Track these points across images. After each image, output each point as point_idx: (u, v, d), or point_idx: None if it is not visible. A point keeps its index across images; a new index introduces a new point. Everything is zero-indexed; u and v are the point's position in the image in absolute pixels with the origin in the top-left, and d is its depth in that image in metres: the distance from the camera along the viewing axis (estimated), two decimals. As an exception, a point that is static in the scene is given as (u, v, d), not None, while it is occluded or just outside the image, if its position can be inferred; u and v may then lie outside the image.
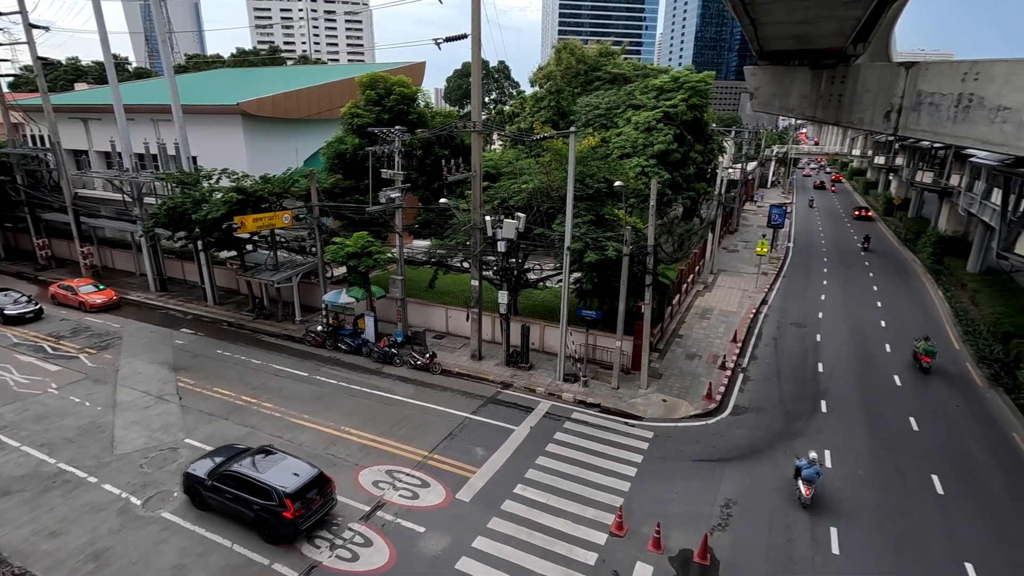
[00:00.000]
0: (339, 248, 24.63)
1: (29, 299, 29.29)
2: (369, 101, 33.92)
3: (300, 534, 14.03)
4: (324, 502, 14.53)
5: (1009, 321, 26.48)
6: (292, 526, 13.66)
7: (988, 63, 22.36)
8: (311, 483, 14.28)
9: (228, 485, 14.48)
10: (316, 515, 14.28)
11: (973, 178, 35.52)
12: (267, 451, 15.64)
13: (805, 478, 15.81)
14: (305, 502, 13.92)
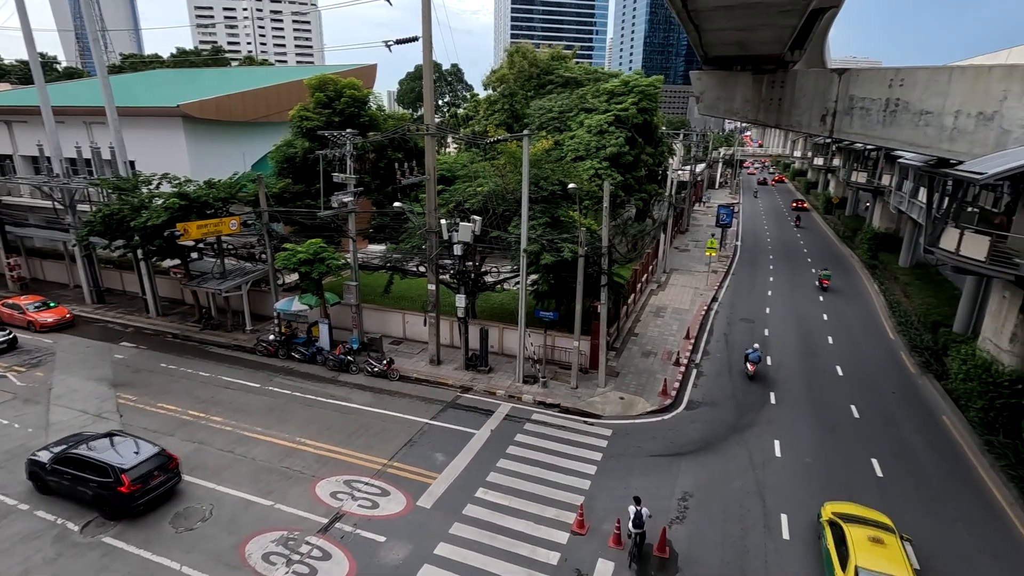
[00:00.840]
0: (291, 254, 23.96)
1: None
2: (319, 104, 33.17)
3: (139, 508, 14.85)
4: (166, 479, 15.49)
5: (937, 312, 28.28)
6: (129, 500, 14.57)
7: (911, 70, 23.87)
8: (150, 460, 15.28)
9: (68, 467, 15.23)
10: (156, 491, 15.18)
11: (902, 178, 37.82)
12: (113, 435, 16.57)
13: (751, 360, 23.87)
14: (143, 478, 14.83)
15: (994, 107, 21.26)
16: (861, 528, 13.12)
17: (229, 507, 15.52)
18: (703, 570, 13.65)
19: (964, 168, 19.16)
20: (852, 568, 11.92)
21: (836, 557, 12.63)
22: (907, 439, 19.78)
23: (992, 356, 20.28)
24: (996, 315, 20.55)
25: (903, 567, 11.92)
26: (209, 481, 16.63)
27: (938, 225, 21.10)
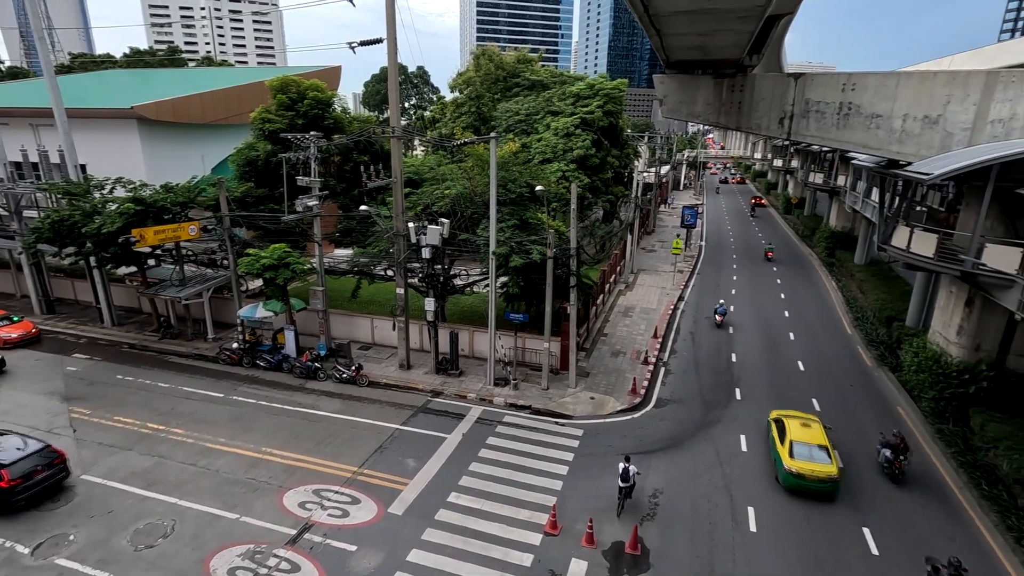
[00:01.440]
0: (254, 260, 23.38)
1: None
2: (281, 106, 32.46)
3: (20, 504, 15.03)
4: (51, 474, 15.75)
5: (891, 307, 29.48)
6: (8, 495, 14.82)
7: (861, 75, 24.85)
8: (34, 456, 15.59)
9: None
10: (41, 485, 15.46)
11: (856, 178, 39.28)
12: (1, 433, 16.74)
13: (718, 312, 30.61)
14: (26, 475, 15.14)
15: (938, 111, 22.29)
16: (795, 419, 18.08)
17: (192, 522, 15.01)
18: (674, 566, 13.87)
19: (912, 169, 20.03)
20: (788, 441, 17.00)
21: (777, 437, 17.73)
22: (865, 429, 20.51)
23: (941, 348, 21.23)
24: (944, 309, 21.53)
25: (822, 439, 17.10)
26: (170, 496, 16.06)
27: (890, 224, 22.00)
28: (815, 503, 16.30)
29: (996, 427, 17.67)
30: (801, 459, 16.47)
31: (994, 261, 17.42)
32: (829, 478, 16.09)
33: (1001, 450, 16.87)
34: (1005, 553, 14.44)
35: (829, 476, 16.10)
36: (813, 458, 16.42)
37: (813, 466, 16.21)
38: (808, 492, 16.42)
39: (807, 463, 16.32)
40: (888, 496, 16.73)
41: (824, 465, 16.24)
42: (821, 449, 16.67)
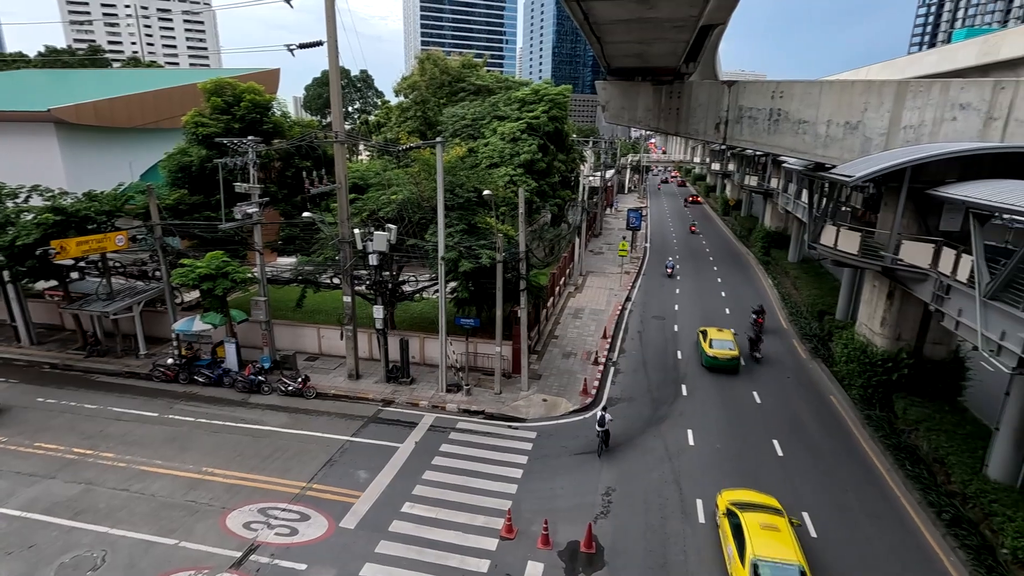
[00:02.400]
0: (189, 270, 22.28)
1: None
2: (216, 109, 31.10)
3: None
4: None
5: (822, 302, 31.24)
6: None
7: (789, 84, 26.28)
8: None
9: None
10: None
11: (787, 181, 41.49)
12: None
13: (668, 267, 39.91)
14: None
15: (858, 117, 23.88)
16: (714, 328, 16.32)
17: (125, 551, 14.09)
18: (628, 561, 14.15)
19: (836, 172, 21.35)
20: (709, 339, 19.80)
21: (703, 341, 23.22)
22: (802, 418, 21.63)
23: (867, 339, 22.66)
24: (869, 302, 23.01)
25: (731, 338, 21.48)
26: (100, 524, 15.02)
27: (818, 223, 23.32)
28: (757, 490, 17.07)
29: (916, 411, 19.02)
30: (717, 348, 24.82)
31: (910, 257, 18.78)
32: (734, 358, 24.70)
33: (921, 432, 18.16)
34: (927, 527, 15.53)
35: (734, 357, 24.68)
36: (725, 348, 24.88)
37: (724, 352, 24.69)
38: (720, 368, 25.00)
39: (720, 351, 24.75)
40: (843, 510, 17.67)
41: (729, 351, 24.78)
42: (729, 343, 25.32)
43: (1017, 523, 13.36)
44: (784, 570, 12.15)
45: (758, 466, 18.42)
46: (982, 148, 17.97)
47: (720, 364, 24.89)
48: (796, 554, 12.57)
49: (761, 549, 12.59)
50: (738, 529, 13.47)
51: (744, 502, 14.45)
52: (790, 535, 13.17)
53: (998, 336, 14.41)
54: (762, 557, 12.39)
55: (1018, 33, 33.71)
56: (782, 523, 13.59)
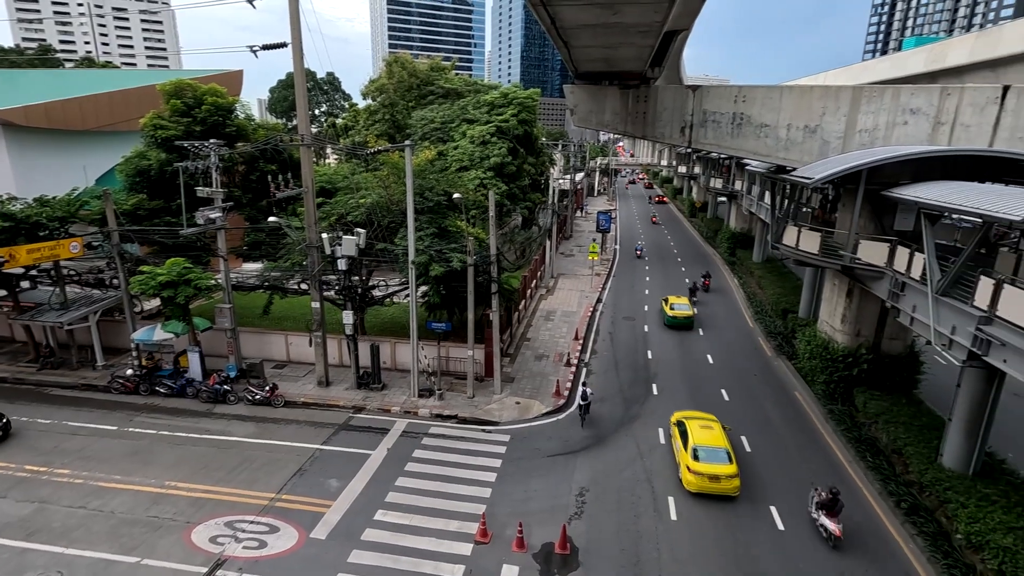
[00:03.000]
0: (149, 278, 21.54)
1: None
2: (176, 111, 30.23)
3: None
4: None
5: (785, 300, 32.12)
6: None
7: (751, 88, 27.00)
8: None
9: None
10: None
11: (751, 183, 42.60)
12: None
13: (637, 249, 48.85)
14: None
15: (816, 121, 24.72)
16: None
17: (83, 571, 13.50)
18: (602, 561, 14.25)
19: (797, 174, 22.00)
20: (669, 304, 24.69)
21: (665, 305, 27.81)
22: (768, 415, 22.19)
23: (829, 336, 23.40)
24: (829, 300, 23.77)
25: (687, 302, 31.18)
26: (55, 545, 14.36)
27: (780, 224, 23.99)
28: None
29: (876, 404, 19.71)
30: (677, 310, 31.77)
31: (867, 256, 19.48)
32: (689, 317, 31.53)
33: (880, 424, 18.83)
34: (887, 516, 16.10)
35: (688, 316, 31.52)
36: (682, 309, 31.82)
37: (682, 312, 31.65)
38: (679, 325, 31.52)
39: (679, 311, 31.69)
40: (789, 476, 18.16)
41: (686, 311, 31.69)
42: (686, 306, 32.10)
43: (970, 509, 13.96)
44: (714, 452, 16.89)
45: (727, 462, 18.78)
46: (931, 151, 18.78)
47: (679, 322, 31.68)
48: (724, 443, 17.35)
49: (699, 439, 17.40)
50: (684, 430, 18.13)
51: (689, 416, 19.33)
52: (721, 432, 17.90)
53: (949, 331, 15.06)
54: (699, 444, 17.21)
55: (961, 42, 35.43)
56: (716, 426, 18.27)
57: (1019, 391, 23.74)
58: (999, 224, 13.46)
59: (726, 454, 16.87)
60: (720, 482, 16.37)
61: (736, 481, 16.50)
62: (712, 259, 51.39)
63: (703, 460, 16.74)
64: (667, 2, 18.70)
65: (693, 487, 16.60)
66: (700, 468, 16.57)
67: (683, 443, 17.60)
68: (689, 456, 16.95)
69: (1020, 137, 19.80)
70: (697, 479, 16.55)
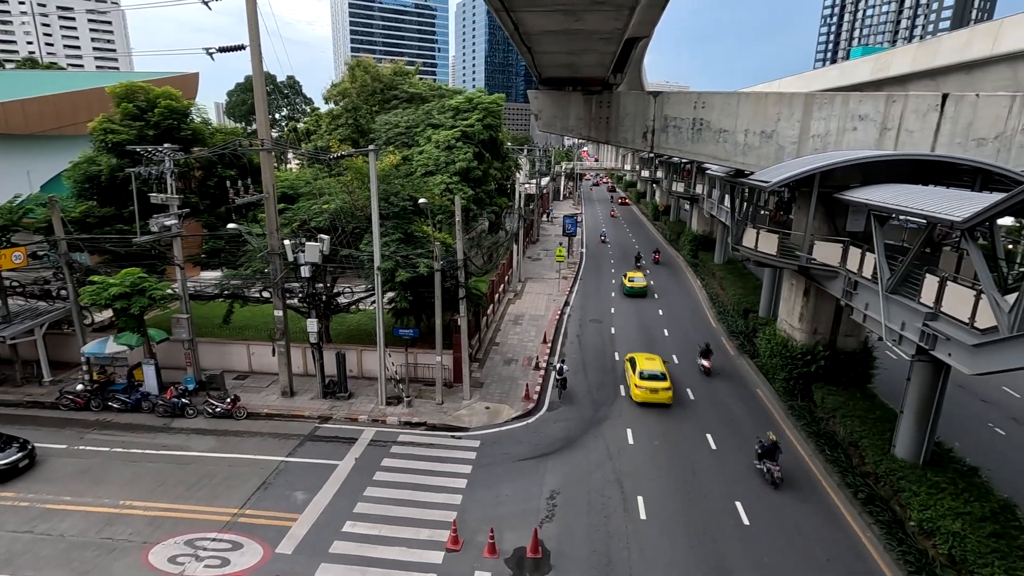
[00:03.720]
0: (101, 288, 20.62)
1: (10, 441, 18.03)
2: (128, 115, 29.10)
3: None
4: None
5: (746, 300, 33.02)
6: None
7: (709, 95, 27.73)
8: None
9: None
10: None
11: (711, 187, 43.70)
12: None
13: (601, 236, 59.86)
14: None
15: (772, 127, 25.56)
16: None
17: (30, 600, 12.78)
18: (573, 563, 14.30)
19: (755, 178, 22.71)
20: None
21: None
22: (732, 412, 22.74)
23: (788, 334, 24.16)
24: (788, 300, 24.56)
25: (641, 275, 40.37)
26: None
27: (740, 226, 24.68)
28: (694, 483, 17.73)
29: (833, 399, 20.44)
30: (635, 282, 39.59)
31: (822, 256, 20.23)
32: (644, 287, 39.40)
33: (838, 418, 19.54)
34: (846, 507, 16.70)
35: (644, 286, 39.45)
36: (638, 281, 39.73)
37: (638, 283, 39.41)
38: (636, 294, 39.17)
39: (636, 282, 39.49)
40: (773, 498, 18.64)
41: (641, 283, 39.47)
42: (641, 278, 40.00)
43: (921, 497, 14.61)
44: (654, 373, 23.21)
45: (694, 460, 19.17)
46: (879, 156, 19.66)
47: (636, 291, 39.43)
48: (662, 367, 23.84)
49: (643, 366, 23.73)
50: (633, 363, 24.42)
51: (637, 355, 25.31)
52: (661, 362, 24.37)
53: (899, 327, 15.76)
54: (643, 369, 23.54)
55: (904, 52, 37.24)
56: (657, 359, 24.69)
57: (963, 383, 25.03)
58: (942, 225, 14.17)
59: (662, 375, 23.25)
60: (658, 393, 22.71)
61: (669, 393, 22.73)
62: (676, 261, 52.44)
63: (646, 379, 23.00)
64: (628, 10, 19.04)
65: (639, 398, 22.92)
66: (644, 384, 22.87)
67: (632, 371, 23.93)
68: (637, 377, 23.26)
69: (959, 142, 20.94)
70: (642, 392, 22.81)
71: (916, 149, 21.63)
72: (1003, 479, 16.75)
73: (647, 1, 18.41)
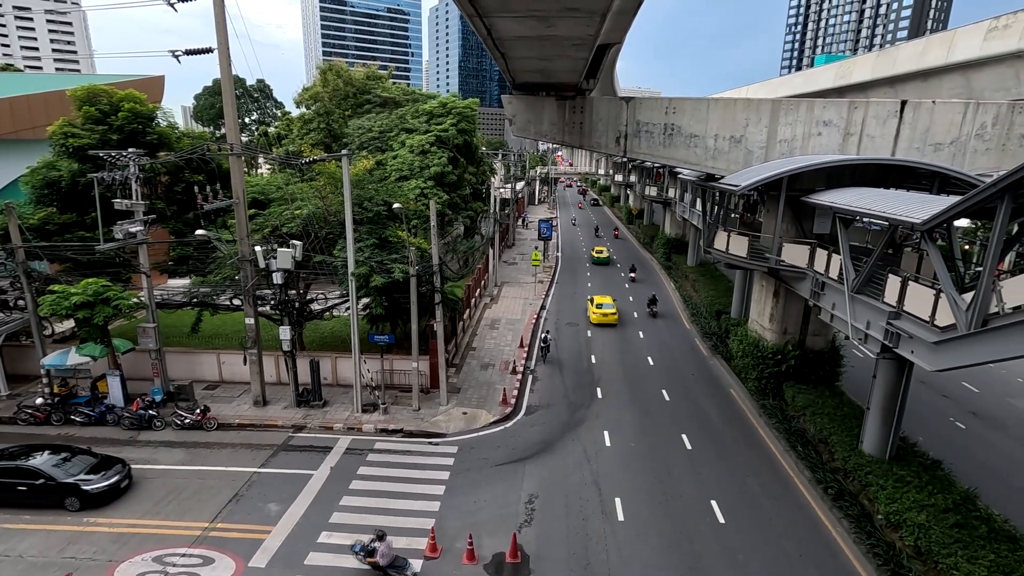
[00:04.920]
0: (61, 298, 19.93)
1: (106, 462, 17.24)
2: (90, 119, 28.20)
3: None
4: None
5: (718, 302, 33.63)
6: None
7: (680, 100, 28.22)
8: None
9: None
10: None
11: (683, 191, 44.44)
12: None
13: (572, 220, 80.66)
14: None
15: (741, 132, 26.14)
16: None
17: (-13, 625, 12.22)
18: (552, 567, 14.30)
19: (725, 182, 23.18)
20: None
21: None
22: (706, 412, 23.09)
23: (759, 335, 24.67)
24: (758, 301, 25.09)
25: (605, 249, 53.63)
26: (-47, 597, 12.93)
27: (711, 229, 25.14)
28: (670, 484, 17.94)
29: (803, 397, 20.93)
30: (599, 253, 52.64)
31: (790, 258, 20.74)
32: (607, 256, 52.37)
33: (808, 416, 20.01)
34: (817, 502, 17.09)
35: (607, 256, 52.33)
36: (602, 252, 52.57)
37: (601, 254, 52.39)
38: (600, 263, 51.69)
39: (599, 254, 52.50)
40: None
41: (605, 253, 52.73)
42: (604, 250, 52.89)
43: (888, 491, 15.04)
44: (605, 304, 34.34)
45: (669, 460, 19.39)
46: (842, 160, 20.28)
47: (600, 260, 51.91)
48: (611, 301, 34.80)
49: (599, 301, 34.67)
50: (593, 301, 35.13)
51: (596, 296, 35.84)
52: (611, 300, 35.19)
53: (864, 326, 16.25)
54: (599, 302, 34.48)
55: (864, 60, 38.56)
56: (609, 298, 35.45)
57: (925, 379, 25.91)
58: (903, 226, 14.67)
59: (610, 305, 34.51)
60: (608, 316, 33.83)
61: (615, 316, 34.07)
62: (650, 264, 53.12)
63: (600, 308, 34.20)
64: (599, 17, 19.28)
65: (596, 320, 34.03)
66: (598, 311, 33.99)
67: (592, 305, 35.12)
68: (594, 308, 34.40)
69: (917, 147, 21.74)
70: (596, 316, 33.95)
71: (878, 153, 22.39)
72: (964, 471, 17.37)
73: (618, 8, 18.67)
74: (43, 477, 15.95)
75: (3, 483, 15.99)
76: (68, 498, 15.97)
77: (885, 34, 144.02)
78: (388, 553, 13.42)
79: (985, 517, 13.63)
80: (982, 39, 27.23)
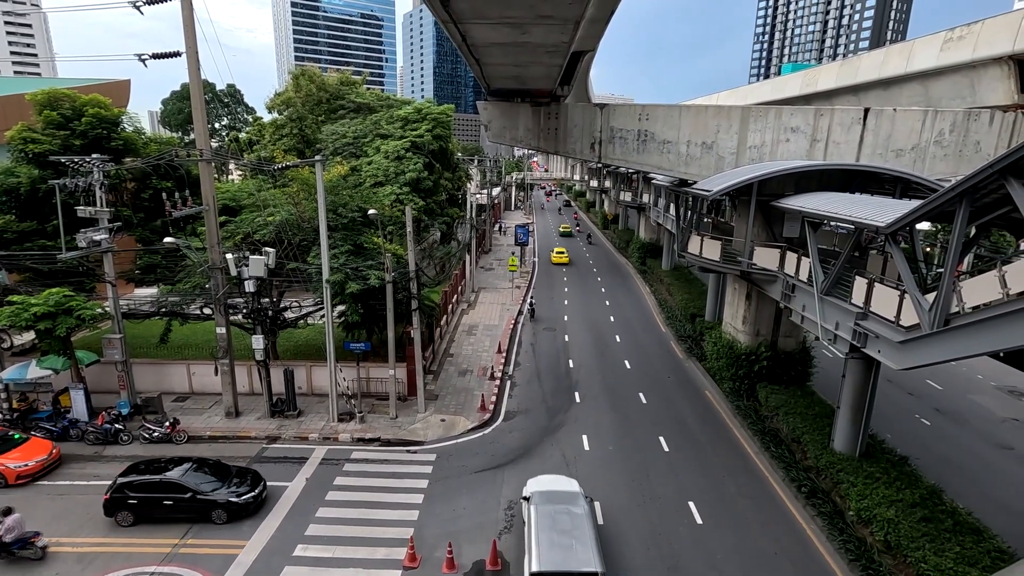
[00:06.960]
0: (21, 309, 19.18)
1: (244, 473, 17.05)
2: (51, 124, 27.33)
3: None
4: None
5: (693, 305, 34.13)
6: None
7: (653, 107, 28.66)
8: None
9: None
10: None
11: (657, 196, 45.08)
12: None
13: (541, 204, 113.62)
14: None
15: (712, 138, 26.67)
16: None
17: (-60, 654, 11.63)
18: (533, 572, 14.23)
19: (697, 187, 23.59)
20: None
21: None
22: (683, 415, 23.37)
23: (733, 337, 25.11)
24: (731, 303, 25.55)
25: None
26: (-97, 626, 12.28)
27: (685, 234, 25.54)
28: (648, 487, 18.08)
29: (776, 397, 21.35)
30: (563, 227, 75.38)
31: (762, 261, 21.19)
32: (569, 230, 75.00)
33: (780, 416, 20.41)
34: (791, 501, 17.42)
35: (568, 229, 75.08)
36: (568, 228, 75.62)
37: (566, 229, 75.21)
38: (566, 235, 73.26)
39: (565, 229, 74.90)
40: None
41: (568, 228, 75.76)
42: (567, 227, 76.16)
43: (858, 488, 15.42)
44: (560, 252, 56.00)
45: (647, 463, 19.54)
46: (810, 166, 20.84)
47: (565, 233, 72.35)
48: (565, 250, 56.64)
49: (557, 250, 56.57)
50: (554, 249, 57.29)
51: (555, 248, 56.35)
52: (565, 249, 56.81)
53: (833, 326, 16.67)
54: (556, 251, 56.36)
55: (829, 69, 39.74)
56: (565, 248, 57.87)
57: (892, 378, 26.70)
58: (868, 230, 15.12)
59: (565, 253, 54.29)
60: (563, 257, 54.32)
61: (566, 258, 54.61)
62: (625, 268, 53.66)
63: (556, 253, 54.15)
64: (573, 24, 19.49)
65: (554, 261, 53.89)
66: (555, 255, 54.41)
67: (552, 252, 55.01)
68: (555, 253, 54.23)
69: (880, 153, 22.47)
70: (555, 257, 53.63)
71: (843, 159, 23.07)
72: (929, 466, 17.94)
73: (591, 16, 18.90)
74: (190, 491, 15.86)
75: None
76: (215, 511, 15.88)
77: (848, 43, 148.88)
78: (15, 528, 13.38)
79: (951, 511, 14.07)
80: (939, 50, 28.34)
